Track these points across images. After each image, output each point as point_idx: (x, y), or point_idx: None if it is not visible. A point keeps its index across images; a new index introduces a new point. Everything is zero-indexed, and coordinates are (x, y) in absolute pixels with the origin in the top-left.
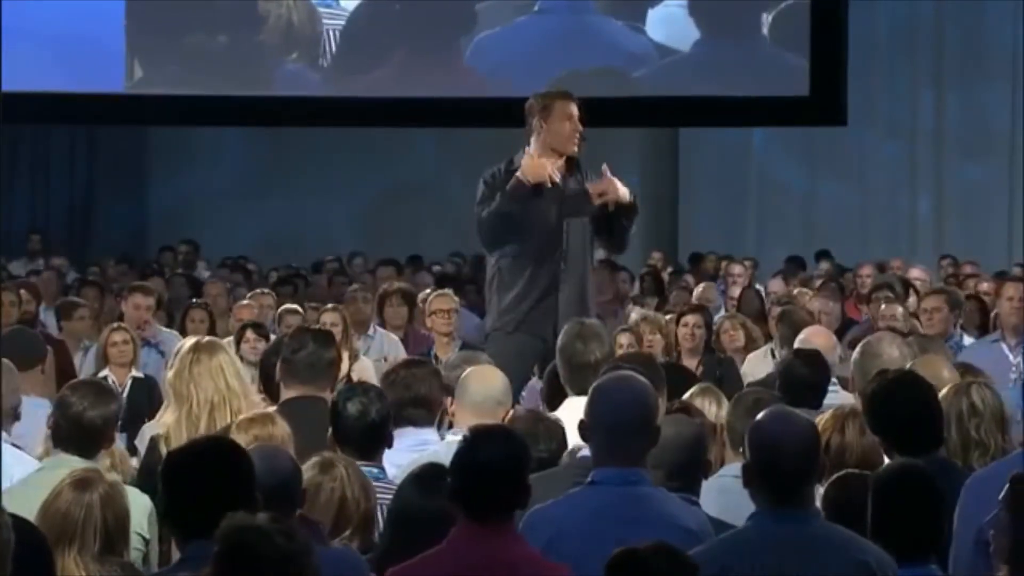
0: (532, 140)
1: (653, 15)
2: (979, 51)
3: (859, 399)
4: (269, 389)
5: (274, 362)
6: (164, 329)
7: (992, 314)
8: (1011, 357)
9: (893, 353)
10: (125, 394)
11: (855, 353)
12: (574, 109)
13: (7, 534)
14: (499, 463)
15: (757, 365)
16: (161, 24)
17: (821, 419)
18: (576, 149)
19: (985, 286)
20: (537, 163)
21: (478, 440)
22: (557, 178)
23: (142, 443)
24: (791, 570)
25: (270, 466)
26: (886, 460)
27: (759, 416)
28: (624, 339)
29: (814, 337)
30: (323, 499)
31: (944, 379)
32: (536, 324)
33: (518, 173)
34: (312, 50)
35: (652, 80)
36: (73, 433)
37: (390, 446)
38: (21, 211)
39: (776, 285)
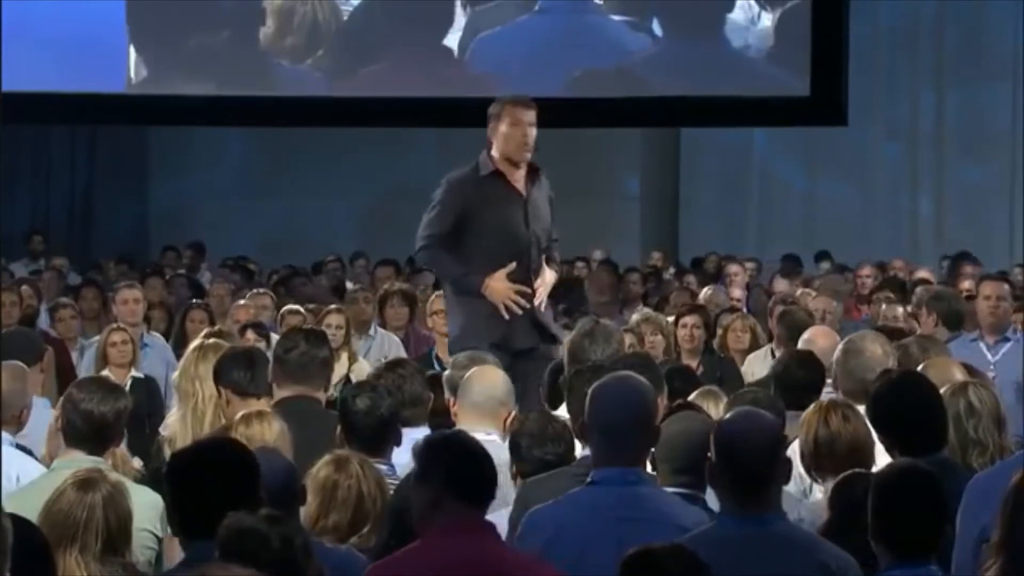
0: (493, 144)
1: (654, 15)
2: (979, 51)
3: (844, 397)
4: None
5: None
6: (155, 336)
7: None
8: (989, 355)
9: (876, 351)
10: None
11: (837, 351)
12: (527, 116)
13: (7, 535)
14: (479, 447)
15: (757, 365)
16: (161, 24)
17: (805, 415)
18: (527, 157)
19: (967, 284)
20: (502, 292)
21: (453, 436)
22: (516, 311)
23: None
24: (751, 570)
25: (264, 470)
26: (879, 449)
27: (726, 415)
28: (625, 339)
29: (818, 337)
30: (340, 497)
31: (955, 380)
32: (507, 334)
33: (485, 284)
34: (313, 50)
35: (653, 80)
36: (84, 429)
37: (399, 444)
38: (22, 212)
39: (780, 285)
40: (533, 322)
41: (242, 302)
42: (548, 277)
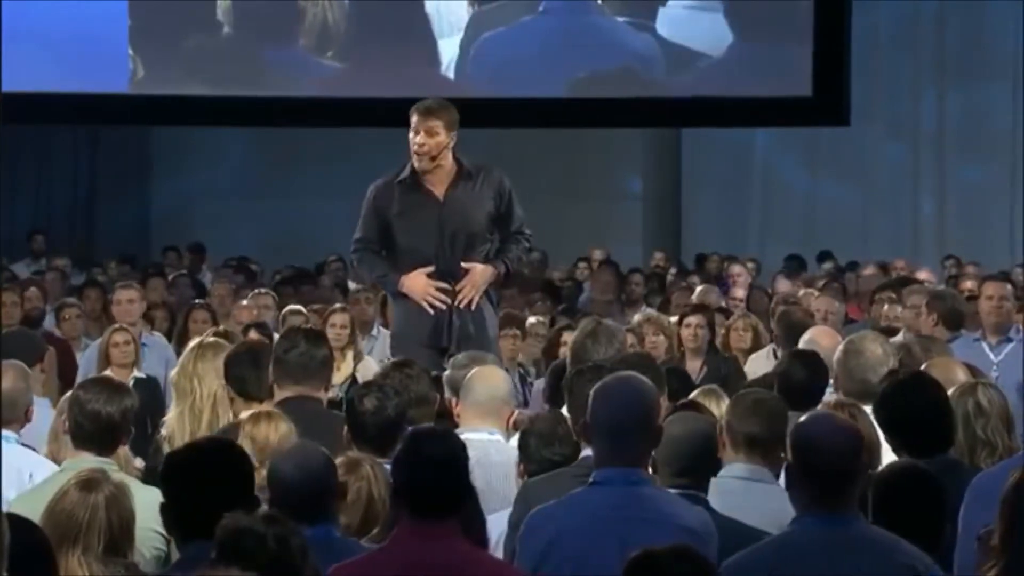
0: None
1: (655, 16)
2: (981, 51)
3: (844, 397)
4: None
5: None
6: (155, 334)
7: None
8: (991, 355)
9: (876, 351)
10: None
11: (838, 352)
12: (418, 123)
13: (4, 535)
14: (443, 459)
15: (760, 365)
16: (163, 25)
17: None
18: (424, 165)
19: (969, 284)
20: (420, 288)
21: (420, 438)
22: (438, 305)
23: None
24: (837, 573)
25: (299, 467)
26: (885, 449)
27: (802, 418)
28: (627, 339)
29: (820, 338)
30: (350, 499)
31: (958, 380)
32: (432, 335)
33: (401, 282)
34: (316, 50)
35: (655, 80)
36: (92, 430)
37: None
38: (24, 212)
39: (783, 285)
40: (461, 327)
41: (244, 303)
42: (477, 273)
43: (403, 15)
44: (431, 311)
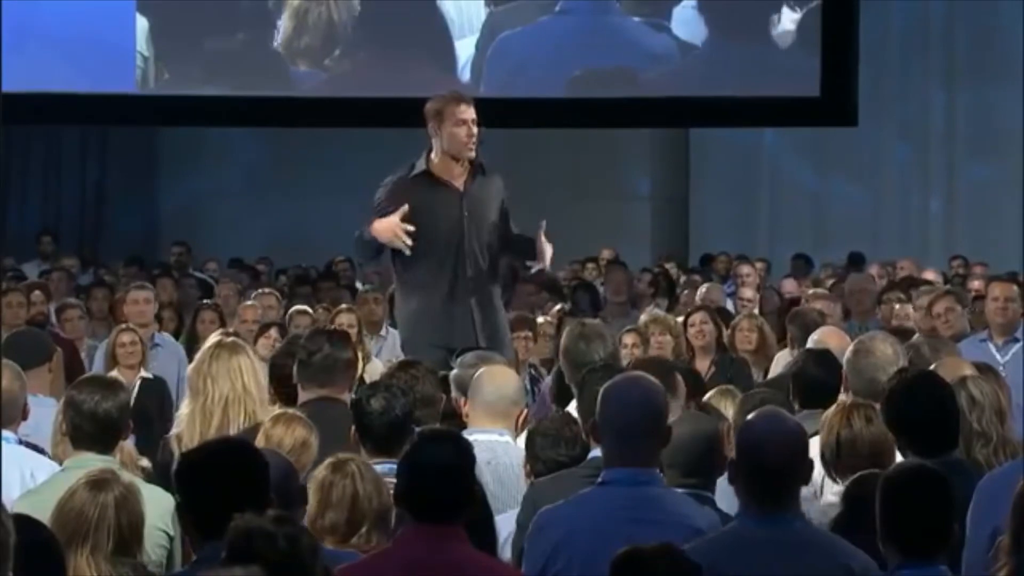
0: (433, 144)
1: (664, 17)
2: (990, 51)
3: (852, 397)
4: (280, 391)
5: (283, 363)
6: (165, 335)
7: None
8: (998, 356)
9: (887, 351)
10: (134, 395)
11: (848, 352)
12: (467, 113)
13: (6, 533)
14: (446, 465)
15: (780, 367)
16: (171, 25)
17: (827, 415)
18: (472, 154)
19: (977, 284)
20: (387, 227)
21: (425, 442)
22: (404, 243)
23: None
24: (774, 571)
25: None
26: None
27: (749, 415)
28: (629, 339)
29: (828, 337)
30: (335, 497)
31: None
32: (448, 335)
33: (373, 227)
34: (325, 51)
35: (663, 80)
36: (91, 429)
37: None
38: (32, 212)
39: (789, 285)
40: (480, 324)
41: (249, 302)
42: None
43: (417, 15)
44: (407, 250)
